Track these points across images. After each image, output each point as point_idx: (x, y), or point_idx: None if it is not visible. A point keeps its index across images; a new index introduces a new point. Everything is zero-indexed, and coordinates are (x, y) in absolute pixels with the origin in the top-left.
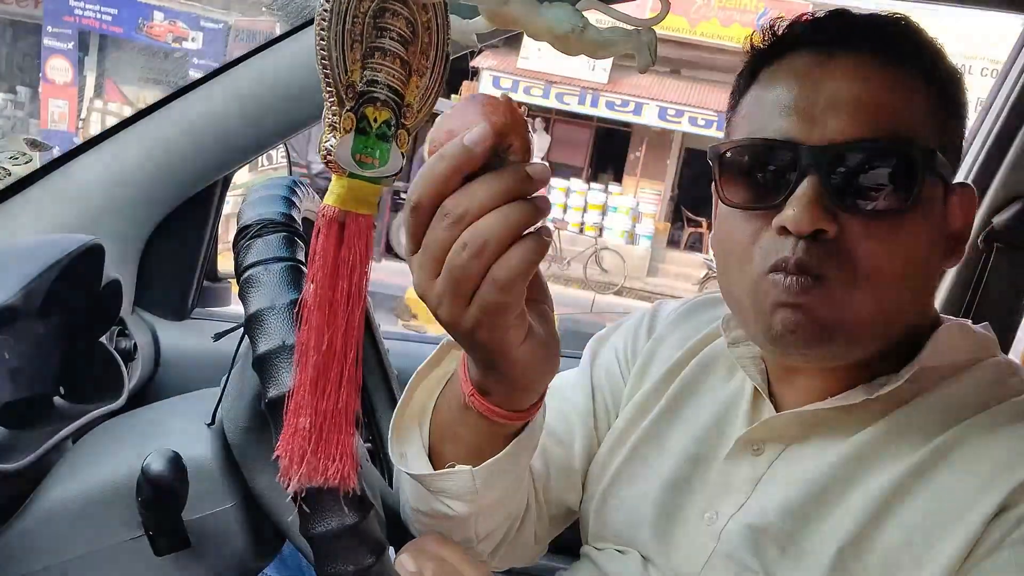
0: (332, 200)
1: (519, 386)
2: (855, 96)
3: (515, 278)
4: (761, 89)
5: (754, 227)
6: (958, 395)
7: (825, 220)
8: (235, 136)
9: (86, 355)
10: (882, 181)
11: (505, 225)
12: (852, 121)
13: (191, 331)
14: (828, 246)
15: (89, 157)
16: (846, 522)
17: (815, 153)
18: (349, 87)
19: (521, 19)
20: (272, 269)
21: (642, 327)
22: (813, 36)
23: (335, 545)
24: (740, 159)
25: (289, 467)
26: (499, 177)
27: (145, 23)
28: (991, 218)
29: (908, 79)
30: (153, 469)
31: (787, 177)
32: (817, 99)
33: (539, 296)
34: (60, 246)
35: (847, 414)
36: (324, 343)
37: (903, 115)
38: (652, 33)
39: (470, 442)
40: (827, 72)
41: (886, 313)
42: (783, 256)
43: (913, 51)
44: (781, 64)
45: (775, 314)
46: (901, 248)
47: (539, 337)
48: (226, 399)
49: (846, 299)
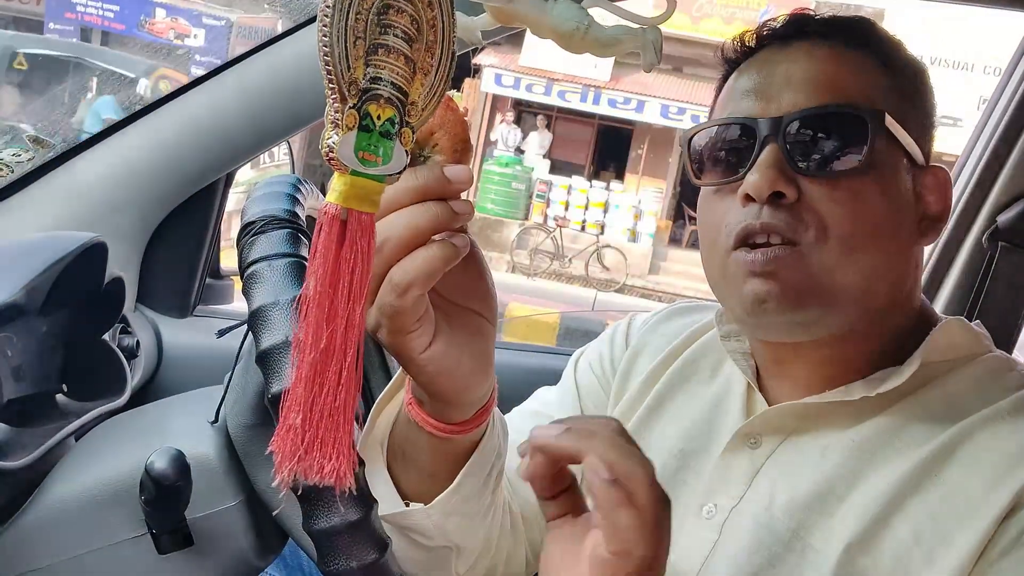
0: (334, 198)
1: (436, 397)
2: (807, 73)
3: (412, 283)
4: (728, 85)
5: (724, 204)
6: (959, 390)
7: (784, 183)
8: (237, 133)
9: (89, 353)
10: (836, 143)
11: (408, 227)
12: (805, 94)
13: (194, 328)
14: (792, 210)
15: (91, 154)
16: (854, 519)
17: (770, 123)
18: (352, 84)
19: (526, 17)
20: (276, 265)
21: (618, 337)
22: (774, 35)
23: (338, 541)
24: (706, 140)
25: (282, 463)
26: (410, 176)
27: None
28: (995, 217)
29: (859, 60)
30: (156, 467)
31: (749, 151)
32: (773, 80)
33: (479, 308)
34: (62, 244)
35: (845, 408)
36: (322, 341)
37: (854, 86)
38: (657, 31)
39: (421, 463)
40: (783, 56)
41: (860, 277)
42: (748, 223)
43: (865, 39)
44: (746, 63)
45: (747, 284)
46: (864, 209)
47: (456, 349)
48: (229, 396)
49: (815, 261)
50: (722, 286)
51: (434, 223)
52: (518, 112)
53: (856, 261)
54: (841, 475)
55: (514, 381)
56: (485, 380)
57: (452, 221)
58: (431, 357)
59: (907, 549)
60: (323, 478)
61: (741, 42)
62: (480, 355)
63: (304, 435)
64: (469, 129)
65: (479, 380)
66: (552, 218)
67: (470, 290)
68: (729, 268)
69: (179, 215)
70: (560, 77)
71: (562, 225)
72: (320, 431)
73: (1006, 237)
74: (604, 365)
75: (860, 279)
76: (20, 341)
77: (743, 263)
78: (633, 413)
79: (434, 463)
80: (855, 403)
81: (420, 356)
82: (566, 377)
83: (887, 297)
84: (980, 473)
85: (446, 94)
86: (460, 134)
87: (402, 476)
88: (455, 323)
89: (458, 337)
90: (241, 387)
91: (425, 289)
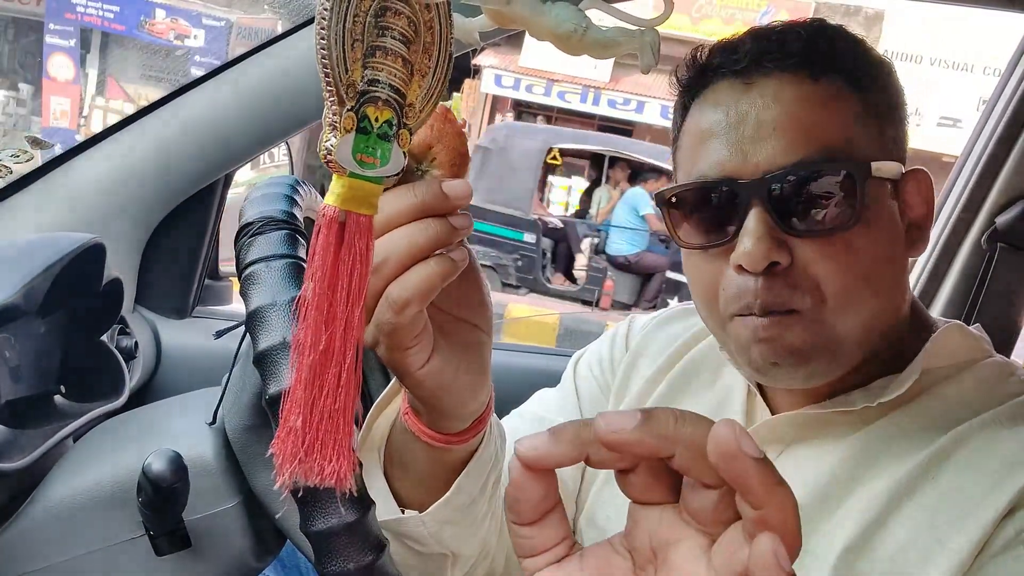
0: (332, 200)
1: (433, 410)
2: (780, 121)
3: (410, 300)
4: (692, 122)
5: (715, 266)
6: (958, 396)
7: (778, 252)
8: (237, 134)
9: (87, 354)
10: (825, 200)
11: (408, 245)
12: (782, 146)
13: (192, 330)
14: (788, 276)
15: (91, 155)
16: (850, 523)
17: (753, 186)
18: (350, 86)
19: (524, 18)
20: (274, 266)
21: (618, 340)
22: (731, 63)
23: (335, 542)
24: (685, 203)
25: (283, 465)
26: (408, 193)
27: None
28: (994, 218)
29: (830, 90)
30: (154, 469)
31: (732, 214)
32: (745, 131)
33: (476, 320)
34: (61, 244)
35: (845, 417)
36: (321, 343)
37: (832, 129)
38: (655, 33)
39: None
40: (749, 100)
41: (861, 325)
42: (747, 301)
43: (830, 60)
44: (706, 96)
45: (752, 350)
46: (858, 261)
47: (454, 363)
48: (227, 398)
49: (818, 323)
50: (726, 343)
51: (433, 240)
52: (518, 113)
53: (856, 312)
54: (839, 481)
55: (513, 383)
56: (482, 392)
57: (452, 237)
58: (429, 373)
59: (903, 551)
60: (323, 480)
61: (694, 63)
62: (477, 368)
63: (304, 437)
64: (467, 142)
65: (476, 393)
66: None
67: (467, 302)
68: (731, 331)
69: (178, 216)
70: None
71: None
72: (320, 433)
73: (1005, 238)
74: (604, 368)
75: (862, 326)
76: (18, 342)
77: (747, 331)
78: None
79: (430, 471)
80: (855, 412)
81: (418, 372)
82: (566, 379)
83: (887, 324)
84: (978, 476)
85: (444, 106)
86: (458, 147)
87: (399, 482)
88: (452, 337)
89: (455, 351)
90: (239, 388)
91: (423, 306)
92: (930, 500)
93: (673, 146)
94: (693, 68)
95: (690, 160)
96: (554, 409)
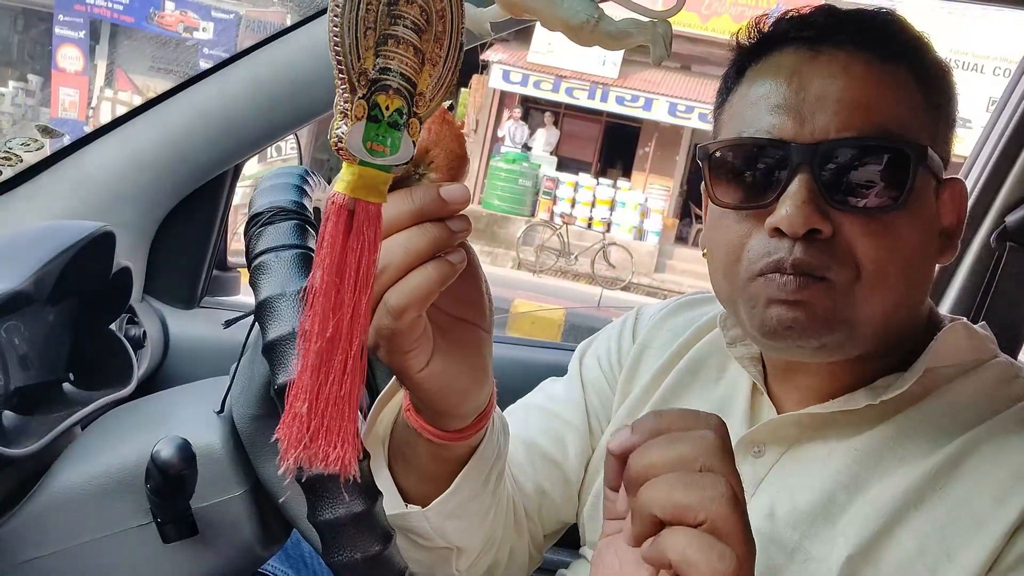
0: (342, 187)
1: (433, 409)
2: (844, 93)
3: (408, 305)
4: (748, 86)
5: (746, 227)
6: (964, 399)
7: (819, 219)
8: (246, 125)
9: (96, 342)
10: (875, 178)
11: (405, 251)
12: (841, 118)
13: (200, 320)
14: (825, 245)
15: (100, 145)
16: (855, 529)
17: (805, 151)
18: (362, 74)
19: (536, 8)
20: (283, 256)
21: (625, 332)
22: (799, 32)
23: (342, 532)
24: (729, 158)
25: (287, 451)
26: (405, 198)
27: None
28: (1003, 217)
29: (896, 75)
30: (162, 456)
31: (778, 176)
32: (806, 96)
33: (475, 319)
34: (71, 233)
35: (849, 416)
36: (329, 329)
37: (892, 111)
38: (667, 25)
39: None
40: (815, 69)
41: (885, 309)
42: (779, 257)
43: (900, 47)
44: (768, 61)
45: (770, 309)
46: (898, 244)
47: (454, 365)
48: (235, 387)
49: (847, 296)
50: (738, 304)
51: (432, 245)
52: (526, 108)
53: (885, 294)
54: (843, 484)
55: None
56: (482, 390)
57: (450, 240)
58: (429, 375)
59: (911, 561)
60: (328, 466)
61: (758, 30)
62: (477, 368)
63: (310, 423)
64: (465, 144)
65: (477, 391)
66: (558, 215)
67: (466, 301)
68: (750, 290)
69: (187, 206)
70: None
71: (568, 222)
72: (325, 419)
73: (1014, 237)
74: (612, 360)
75: (886, 309)
76: (28, 329)
77: (769, 289)
78: (640, 411)
79: (433, 467)
80: (859, 411)
81: (418, 374)
82: (572, 370)
83: (906, 318)
84: (987, 487)
85: (443, 108)
86: (456, 150)
87: (403, 476)
88: (452, 337)
89: (455, 352)
90: (247, 378)
91: (422, 310)
92: (939, 511)
93: (719, 108)
94: (756, 32)
95: (741, 119)
96: (560, 400)
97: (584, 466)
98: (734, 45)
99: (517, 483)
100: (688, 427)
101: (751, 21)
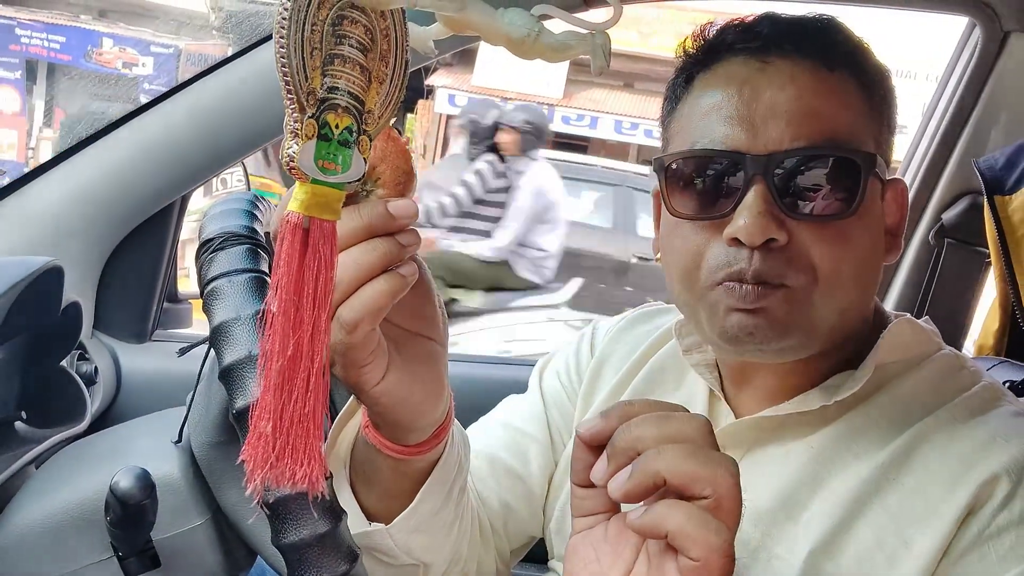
0: (296, 206)
1: (392, 424)
2: (793, 104)
3: (361, 319)
4: (698, 96)
5: (703, 236)
6: (913, 392)
7: (776, 228)
8: (191, 155)
9: (47, 379)
10: (827, 186)
11: (357, 266)
12: (792, 128)
13: (152, 353)
14: (781, 253)
15: (43, 181)
16: (815, 525)
17: (759, 161)
18: (310, 94)
19: (477, 24)
20: (236, 281)
21: (583, 346)
22: (746, 43)
23: (308, 554)
24: (685, 170)
25: (253, 471)
26: (355, 215)
27: (94, 50)
28: (940, 215)
29: (842, 83)
30: (121, 486)
31: (733, 186)
32: (757, 107)
33: (429, 332)
34: (18, 268)
35: (804, 416)
36: (290, 348)
37: (840, 119)
38: (605, 36)
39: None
40: (764, 79)
41: (841, 310)
42: (739, 268)
43: (844, 54)
44: (716, 71)
45: (730, 317)
46: (851, 248)
47: (409, 378)
48: (192, 415)
49: (805, 301)
50: (698, 311)
51: (382, 260)
52: None
53: (840, 296)
54: (803, 482)
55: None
56: (439, 404)
57: (400, 254)
58: (385, 389)
59: (870, 553)
60: (296, 484)
61: (704, 38)
62: (433, 381)
63: (275, 442)
64: (412, 159)
65: (433, 405)
66: None
67: (419, 315)
68: (709, 298)
69: (134, 239)
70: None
71: None
72: (291, 438)
73: (951, 234)
74: (571, 374)
75: (840, 312)
76: None
77: (730, 299)
78: None
79: (394, 483)
80: (814, 412)
81: (374, 389)
82: (532, 386)
83: (857, 318)
84: (938, 475)
85: (387, 126)
86: (402, 166)
87: (365, 495)
88: (406, 351)
89: (410, 366)
90: (204, 406)
91: (375, 324)
92: (893, 501)
93: (667, 116)
94: (702, 42)
95: (693, 131)
96: (522, 415)
97: (548, 480)
98: (681, 53)
99: (482, 498)
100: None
101: (697, 29)
